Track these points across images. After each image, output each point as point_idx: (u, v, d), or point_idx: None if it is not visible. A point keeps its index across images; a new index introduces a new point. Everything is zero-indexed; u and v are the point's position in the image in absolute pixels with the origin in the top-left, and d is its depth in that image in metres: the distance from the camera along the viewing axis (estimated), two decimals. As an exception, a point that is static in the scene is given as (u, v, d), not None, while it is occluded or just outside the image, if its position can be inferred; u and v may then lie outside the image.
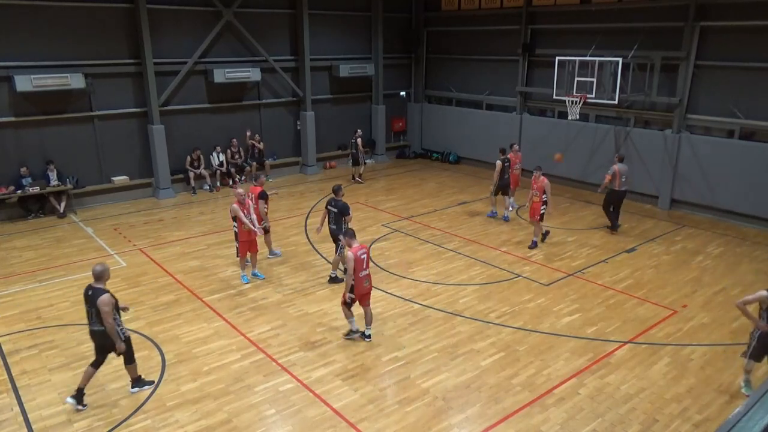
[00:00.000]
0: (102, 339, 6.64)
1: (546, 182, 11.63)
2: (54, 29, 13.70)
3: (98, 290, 6.51)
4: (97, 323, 6.54)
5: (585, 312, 9.17)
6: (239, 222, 9.87)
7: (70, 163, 14.38)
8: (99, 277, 6.62)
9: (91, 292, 6.54)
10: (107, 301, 6.41)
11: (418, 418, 6.59)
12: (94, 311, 6.52)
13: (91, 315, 6.60)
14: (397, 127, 21.43)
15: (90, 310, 6.58)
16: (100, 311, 6.40)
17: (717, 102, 13.61)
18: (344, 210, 9.84)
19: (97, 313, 6.46)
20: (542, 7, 16.74)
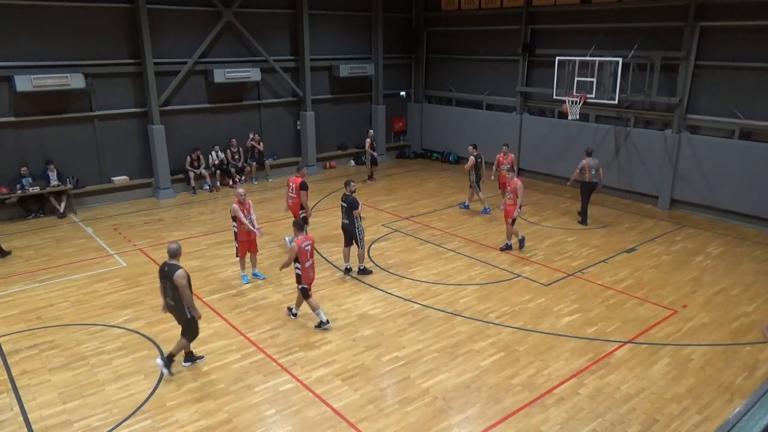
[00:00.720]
0: (173, 312, 7.32)
1: (519, 184, 11.34)
2: (54, 29, 13.70)
3: (173, 266, 7.08)
4: (170, 298, 7.18)
5: (585, 312, 9.17)
6: (239, 222, 9.87)
7: (70, 163, 14.39)
8: (174, 254, 7.22)
9: (167, 268, 7.10)
10: (183, 275, 6.99)
11: (418, 418, 6.59)
12: (168, 285, 7.10)
13: (166, 290, 7.22)
14: (397, 127, 21.43)
15: (165, 285, 7.19)
16: (177, 285, 6.95)
17: (717, 102, 13.62)
18: (354, 204, 10.06)
19: (172, 286, 7.03)
20: (542, 7, 16.74)
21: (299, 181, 11.30)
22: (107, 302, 9.46)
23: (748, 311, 9.21)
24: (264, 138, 17.67)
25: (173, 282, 6.97)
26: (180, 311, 7.19)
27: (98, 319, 8.87)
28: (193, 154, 16.07)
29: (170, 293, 7.16)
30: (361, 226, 10.33)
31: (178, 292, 7.02)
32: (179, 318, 7.32)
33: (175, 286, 6.98)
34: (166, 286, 7.18)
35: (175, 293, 7.08)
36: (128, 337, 8.34)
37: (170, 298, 7.20)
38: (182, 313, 7.20)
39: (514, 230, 11.69)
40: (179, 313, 7.24)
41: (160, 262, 10.99)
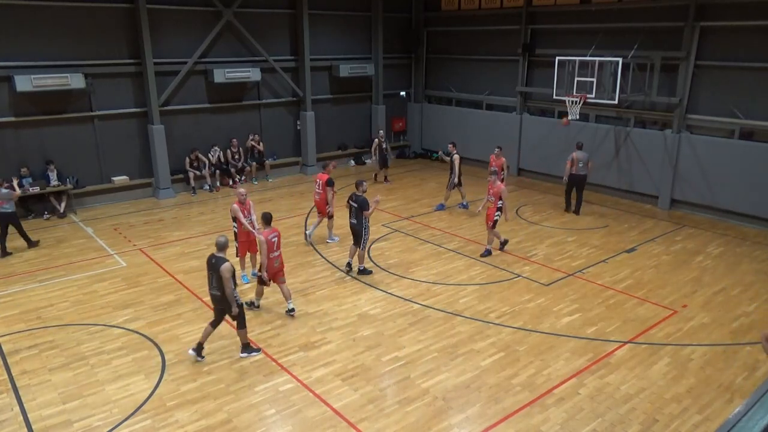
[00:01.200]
0: (220, 303, 7.57)
1: (502, 188, 11.20)
2: (54, 29, 13.70)
3: (220, 259, 7.38)
4: (215, 288, 7.48)
5: (585, 312, 9.17)
6: (239, 222, 9.87)
7: (70, 163, 14.38)
8: (222, 247, 7.51)
9: (214, 260, 7.39)
10: (228, 268, 7.27)
11: (418, 418, 6.59)
12: (215, 277, 7.40)
13: (212, 280, 7.51)
14: (397, 127, 21.43)
15: (211, 276, 7.47)
16: (222, 277, 7.25)
17: (717, 102, 13.61)
18: (364, 205, 10.09)
19: (218, 278, 7.33)
20: (542, 7, 16.74)
21: (326, 177, 11.68)
22: (107, 302, 9.46)
23: (748, 311, 9.21)
24: (264, 138, 17.67)
25: (219, 273, 7.29)
26: (224, 301, 7.49)
27: (98, 319, 8.87)
28: (191, 154, 16.06)
29: (216, 284, 7.45)
30: (369, 227, 10.34)
31: (224, 284, 7.34)
32: (225, 308, 7.56)
33: (222, 278, 7.30)
34: (212, 278, 7.49)
35: (221, 284, 7.38)
36: (128, 337, 8.34)
37: (216, 288, 7.49)
38: (227, 304, 7.47)
39: (496, 233, 11.55)
40: (225, 303, 7.50)
41: (161, 262, 11.10)
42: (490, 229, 11.46)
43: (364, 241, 10.31)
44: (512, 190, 16.56)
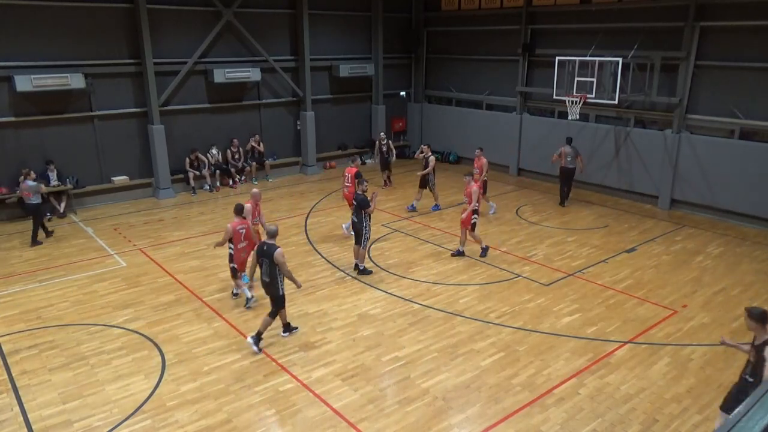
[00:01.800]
0: (268, 288, 7.98)
1: (474, 189, 11.02)
2: (54, 29, 13.70)
3: (272, 245, 7.81)
4: (266, 275, 7.86)
5: (585, 312, 9.17)
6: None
7: (70, 163, 14.38)
8: (273, 235, 7.97)
9: (266, 247, 7.80)
10: (282, 253, 7.78)
11: (418, 418, 6.59)
12: (267, 263, 7.78)
13: (263, 267, 7.89)
14: (397, 127, 21.42)
15: (262, 262, 7.85)
16: (277, 262, 7.69)
17: (717, 102, 13.61)
18: (363, 203, 10.19)
19: (270, 265, 7.74)
20: (542, 7, 16.74)
21: (354, 171, 12.29)
22: (107, 302, 9.46)
23: (748, 311, 9.20)
24: (264, 138, 17.67)
25: (273, 260, 7.67)
26: (274, 287, 7.89)
27: (98, 319, 8.87)
28: (191, 155, 16.06)
29: (267, 270, 7.81)
30: (369, 225, 10.39)
31: (276, 269, 7.75)
32: (273, 293, 7.96)
33: (275, 264, 7.69)
34: (264, 264, 7.83)
35: (272, 270, 7.77)
36: (128, 337, 8.34)
37: (267, 275, 7.84)
38: (276, 289, 7.91)
39: (476, 237, 11.37)
40: (274, 289, 7.91)
41: (161, 262, 11.10)
42: (470, 232, 11.28)
43: (365, 239, 10.36)
44: (512, 190, 16.60)
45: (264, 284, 8.04)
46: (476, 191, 11.08)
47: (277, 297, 7.97)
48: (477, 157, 14.07)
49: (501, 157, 18.60)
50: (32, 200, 11.99)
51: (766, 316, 5.56)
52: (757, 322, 5.58)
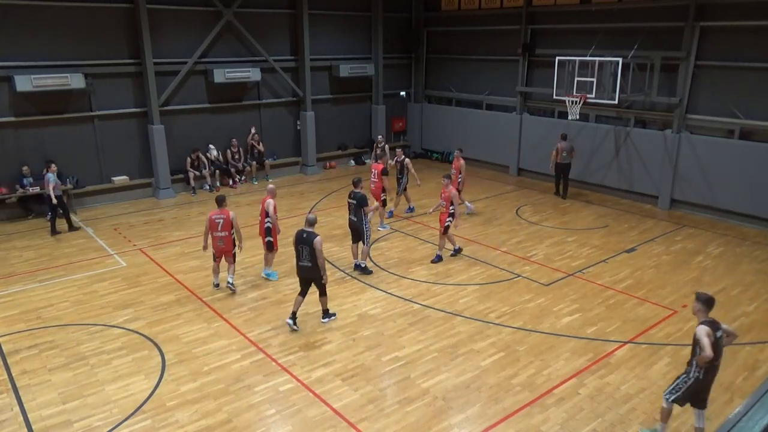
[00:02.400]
0: (308, 273, 8.36)
1: (453, 192, 10.81)
2: (54, 29, 13.70)
3: (312, 233, 8.22)
4: (306, 260, 8.25)
5: (585, 312, 9.17)
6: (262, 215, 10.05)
7: (70, 163, 14.38)
8: (312, 223, 8.39)
9: (306, 235, 8.22)
10: (321, 240, 8.20)
11: (418, 418, 6.59)
12: (306, 250, 8.19)
13: (302, 253, 8.27)
14: (397, 127, 21.43)
15: (302, 249, 8.24)
16: (315, 249, 8.09)
17: (717, 102, 13.61)
18: (362, 201, 10.29)
19: (309, 251, 8.14)
20: (542, 7, 16.74)
21: (381, 167, 12.70)
22: (107, 302, 9.46)
23: (748, 311, 9.21)
24: (264, 138, 17.67)
25: (312, 246, 8.10)
26: (315, 271, 8.28)
27: (98, 319, 8.87)
28: (192, 155, 16.07)
29: (308, 256, 8.21)
30: (369, 223, 10.46)
31: (317, 255, 8.12)
32: (314, 278, 8.37)
33: (314, 250, 8.07)
34: (304, 251, 8.23)
35: (312, 256, 8.14)
36: (128, 337, 8.34)
37: (308, 260, 8.25)
38: (317, 273, 8.27)
39: (450, 239, 11.22)
40: (315, 273, 8.30)
41: (161, 262, 11.10)
42: (442, 235, 11.09)
43: (368, 237, 10.44)
44: (512, 190, 16.60)
45: (305, 269, 8.36)
46: (455, 195, 10.90)
47: (319, 279, 8.36)
48: (456, 158, 13.96)
49: (501, 157, 18.63)
50: (52, 192, 12.30)
51: (712, 302, 5.89)
52: (702, 304, 5.88)
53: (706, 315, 5.86)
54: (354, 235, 10.58)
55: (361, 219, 10.28)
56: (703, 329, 5.68)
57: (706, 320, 5.81)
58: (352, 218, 10.44)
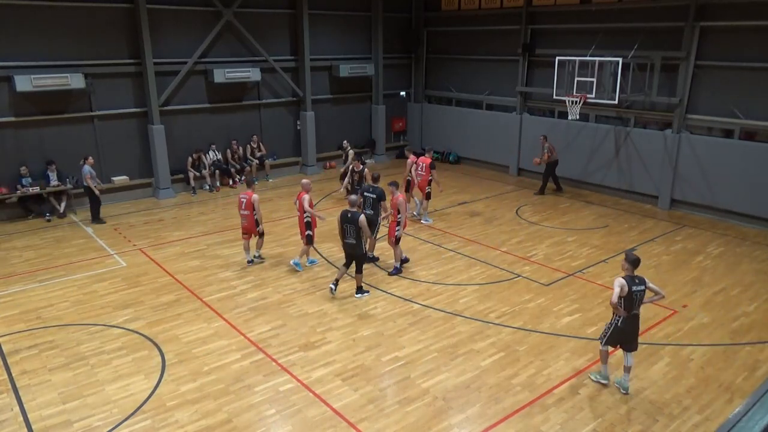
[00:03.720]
0: (352, 249, 9.33)
1: (400, 200, 10.43)
2: (54, 29, 13.69)
3: (356, 213, 9.20)
4: (351, 237, 9.20)
5: (585, 312, 9.17)
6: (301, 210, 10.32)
7: (70, 163, 14.37)
8: (354, 204, 9.43)
9: (350, 215, 9.15)
10: (364, 220, 9.17)
11: (418, 418, 6.59)
12: (352, 228, 9.12)
13: (348, 231, 9.20)
14: (397, 127, 21.43)
15: (347, 227, 9.17)
16: (361, 226, 9.06)
17: (717, 102, 13.61)
18: (382, 196, 10.73)
19: (355, 229, 9.09)
20: (542, 7, 16.74)
21: (429, 161, 13.16)
22: (107, 302, 9.46)
23: (748, 311, 9.21)
24: (264, 138, 17.68)
25: (357, 225, 9.05)
26: (359, 248, 9.27)
27: (98, 319, 8.87)
28: (194, 154, 16.07)
29: (353, 234, 9.16)
30: (381, 217, 10.87)
31: (360, 232, 9.09)
32: (357, 254, 9.34)
33: (359, 228, 9.05)
34: (349, 229, 9.17)
35: (357, 233, 9.11)
36: (128, 337, 8.34)
37: (353, 237, 9.19)
38: (360, 249, 9.30)
39: (397, 253, 10.68)
40: (358, 249, 9.29)
41: (161, 262, 11.10)
42: (394, 246, 10.67)
43: (377, 230, 10.90)
44: (512, 190, 16.61)
45: (350, 246, 9.30)
46: (402, 202, 10.46)
47: (360, 256, 9.39)
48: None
49: (501, 157, 18.63)
50: (90, 184, 13.16)
51: (638, 262, 6.86)
52: (629, 264, 6.82)
53: (631, 272, 6.78)
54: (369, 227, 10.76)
55: (377, 213, 10.73)
56: (619, 281, 6.67)
57: (627, 276, 6.74)
58: (368, 212, 10.64)
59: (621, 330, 6.86)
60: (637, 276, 6.77)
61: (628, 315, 6.77)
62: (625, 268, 6.81)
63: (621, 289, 6.61)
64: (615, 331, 6.90)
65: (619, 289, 6.61)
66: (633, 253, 6.90)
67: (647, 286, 6.77)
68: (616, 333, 6.90)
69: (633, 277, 6.72)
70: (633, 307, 6.76)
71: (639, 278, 6.75)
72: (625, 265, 6.83)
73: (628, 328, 6.86)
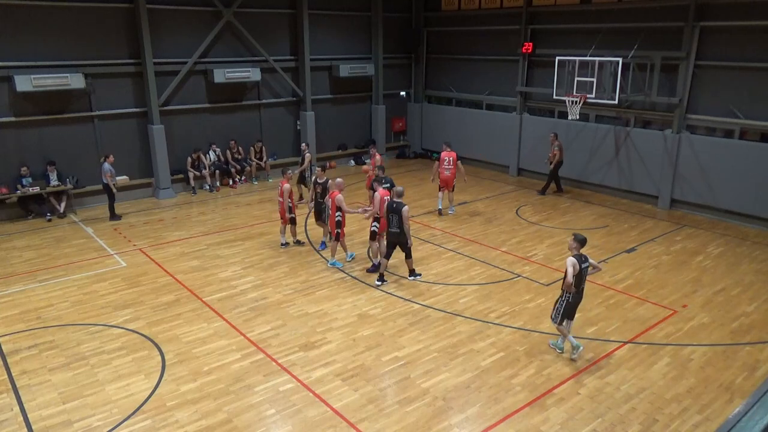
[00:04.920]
0: (396, 238, 9.83)
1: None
2: (54, 29, 13.70)
3: (400, 203, 9.68)
4: (396, 227, 9.74)
5: (585, 312, 9.16)
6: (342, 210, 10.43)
7: (70, 163, 14.38)
8: (400, 195, 9.87)
9: (395, 205, 9.67)
10: (408, 210, 9.66)
11: (418, 418, 6.59)
12: (396, 218, 9.66)
13: (392, 221, 9.74)
14: (397, 127, 21.43)
15: (392, 217, 9.73)
16: (403, 217, 9.55)
17: (717, 102, 13.61)
18: (393, 184, 11.36)
19: (399, 219, 9.60)
20: (542, 7, 16.74)
21: (455, 155, 13.70)
22: (107, 302, 9.46)
23: (748, 311, 9.21)
24: (264, 138, 17.68)
25: (401, 215, 9.54)
26: (402, 237, 9.76)
27: (98, 319, 8.87)
28: (193, 154, 16.07)
29: (397, 223, 9.68)
30: None
31: (403, 222, 9.54)
32: (402, 241, 9.85)
33: (402, 218, 9.52)
34: (393, 219, 9.71)
35: (401, 223, 9.59)
36: (128, 337, 8.34)
37: (396, 227, 9.73)
38: (404, 238, 9.77)
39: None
40: (402, 238, 9.78)
41: (161, 262, 11.10)
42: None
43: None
44: (512, 190, 16.61)
45: (394, 234, 9.82)
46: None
47: (405, 245, 9.83)
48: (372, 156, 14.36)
49: (501, 157, 18.63)
50: (110, 181, 13.38)
51: (585, 242, 7.52)
52: (577, 243, 7.45)
53: (578, 251, 7.41)
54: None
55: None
56: (571, 260, 7.31)
57: (576, 255, 7.37)
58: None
59: (571, 305, 7.54)
60: (582, 254, 7.49)
61: (577, 290, 7.46)
62: (574, 247, 7.45)
63: (573, 268, 7.27)
64: (567, 307, 7.53)
65: (572, 269, 7.26)
66: (580, 234, 7.58)
67: (590, 263, 7.54)
68: (567, 308, 7.55)
69: (580, 256, 7.42)
70: (581, 282, 7.49)
71: (584, 256, 7.49)
72: (573, 245, 7.46)
73: (575, 302, 7.57)
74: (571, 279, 7.25)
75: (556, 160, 15.46)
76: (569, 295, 7.44)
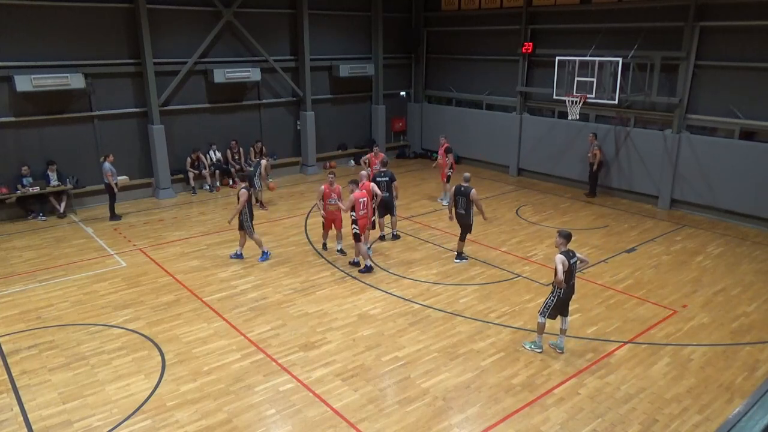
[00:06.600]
0: (462, 219, 10.73)
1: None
2: (54, 29, 13.69)
3: (468, 187, 10.59)
4: (462, 209, 10.63)
5: (585, 312, 9.17)
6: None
7: (70, 163, 14.38)
8: (468, 180, 10.82)
9: (463, 188, 10.59)
10: (476, 192, 10.57)
11: (418, 418, 6.59)
12: (462, 200, 10.57)
13: (459, 203, 10.65)
14: (397, 127, 21.43)
15: (459, 199, 10.64)
16: (473, 199, 10.47)
17: (717, 102, 13.61)
18: (393, 177, 11.85)
19: (466, 201, 10.51)
20: (542, 7, 16.74)
21: (446, 145, 14.71)
22: (107, 302, 9.46)
23: (748, 311, 9.21)
24: (264, 138, 17.67)
25: (468, 198, 10.46)
26: (467, 218, 10.68)
27: (98, 319, 8.87)
28: (192, 154, 16.07)
29: (464, 205, 10.58)
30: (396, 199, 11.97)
31: (471, 204, 10.49)
32: (464, 223, 10.77)
33: (470, 201, 10.46)
34: (460, 201, 10.61)
35: (468, 205, 10.53)
36: (128, 337, 8.34)
37: (462, 208, 10.62)
38: (468, 220, 10.68)
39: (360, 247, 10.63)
40: (466, 220, 10.70)
41: (161, 262, 11.10)
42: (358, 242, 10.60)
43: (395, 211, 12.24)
44: (512, 190, 16.60)
45: (459, 216, 10.71)
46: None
47: (468, 225, 10.79)
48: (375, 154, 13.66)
49: (501, 157, 18.63)
50: (111, 180, 13.44)
51: (570, 237, 7.58)
52: (563, 239, 7.54)
53: (565, 247, 7.48)
54: (382, 211, 11.81)
55: (392, 194, 11.76)
56: (560, 258, 7.34)
57: (564, 251, 7.42)
58: (385, 194, 11.52)
59: (562, 301, 7.61)
60: (570, 250, 7.52)
61: (567, 286, 7.49)
62: (561, 243, 7.51)
63: (563, 264, 7.31)
64: (557, 303, 7.60)
65: (561, 266, 7.29)
66: (565, 230, 7.68)
67: (578, 257, 7.63)
68: (558, 304, 7.62)
69: (568, 251, 7.45)
70: (572, 278, 7.55)
71: (572, 251, 7.52)
72: (560, 241, 7.52)
73: (566, 298, 7.63)
74: (562, 276, 7.30)
75: (597, 160, 15.28)
76: (560, 291, 7.51)
